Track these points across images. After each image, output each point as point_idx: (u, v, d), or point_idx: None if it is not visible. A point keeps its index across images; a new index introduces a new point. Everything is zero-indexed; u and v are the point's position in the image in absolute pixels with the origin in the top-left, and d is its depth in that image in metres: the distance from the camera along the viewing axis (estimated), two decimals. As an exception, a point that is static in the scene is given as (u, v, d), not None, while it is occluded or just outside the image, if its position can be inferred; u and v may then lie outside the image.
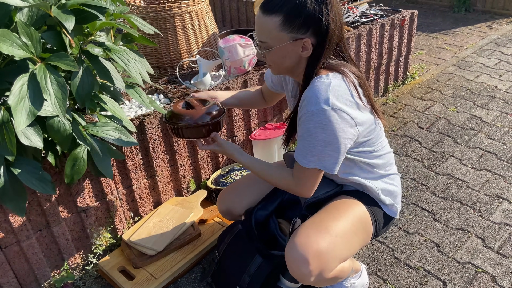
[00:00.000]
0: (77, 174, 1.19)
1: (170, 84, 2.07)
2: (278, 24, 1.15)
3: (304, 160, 1.22)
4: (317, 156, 1.20)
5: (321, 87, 1.17)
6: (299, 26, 1.15)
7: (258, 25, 1.20)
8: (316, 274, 1.23)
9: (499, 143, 2.41)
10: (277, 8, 1.14)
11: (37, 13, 1.13)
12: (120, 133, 1.24)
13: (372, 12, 2.85)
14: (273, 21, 1.15)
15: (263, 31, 1.18)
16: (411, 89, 3.12)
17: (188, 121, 1.35)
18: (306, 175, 1.26)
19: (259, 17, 1.19)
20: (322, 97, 1.15)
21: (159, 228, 1.76)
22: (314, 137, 1.18)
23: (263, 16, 1.17)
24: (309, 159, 1.21)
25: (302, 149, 1.22)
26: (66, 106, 0.97)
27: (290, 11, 1.14)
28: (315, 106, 1.15)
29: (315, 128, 1.17)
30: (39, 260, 1.60)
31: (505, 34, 4.04)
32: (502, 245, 1.76)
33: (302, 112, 1.20)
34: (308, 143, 1.20)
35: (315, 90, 1.17)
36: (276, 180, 1.33)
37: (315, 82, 1.19)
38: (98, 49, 1.17)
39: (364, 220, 1.35)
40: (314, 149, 1.19)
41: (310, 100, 1.17)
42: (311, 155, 1.21)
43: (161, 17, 2.20)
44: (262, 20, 1.17)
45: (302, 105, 1.21)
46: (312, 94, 1.17)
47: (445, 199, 2.04)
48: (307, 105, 1.18)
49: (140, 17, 1.58)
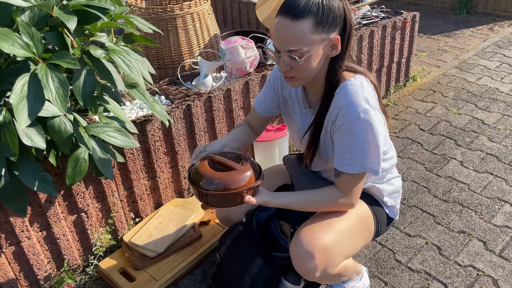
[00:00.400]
0: (79, 175, 1.19)
1: (172, 85, 2.07)
2: (310, 27, 1.08)
3: (353, 168, 1.19)
4: (366, 159, 1.17)
5: (357, 90, 1.15)
6: (329, 25, 1.10)
7: (287, 34, 1.09)
8: (321, 269, 1.23)
9: (501, 146, 2.40)
10: (307, 11, 1.07)
11: (39, 14, 1.13)
12: (121, 134, 1.23)
13: (374, 14, 2.84)
14: (305, 25, 1.07)
15: (294, 38, 1.08)
16: (413, 91, 3.12)
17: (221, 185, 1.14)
18: (355, 183, 1.23)
19: (286, 25, 1.08)
20: (362, 99, 1.14)
21: (160, 229, 1.76)
22: (362, 140, 1.15)
23: (292, 22, 1.07)
24: (359, 163, 1.18)
25: (350, 157, 1.18)
26: (67, 103, 0.97)
27: (320, 11, 1.07)
28: (358, 108, 1.13)
29: (362, 131, 1.14)
30: (39, 261, 1.60)
31: (507, 37, 4.03)
32: (503, 248, 1.75)
33: (344, 119, 1.15)
34: (356, 149, 1.16)
35: (352, 93, 1.14)
36: (323, 205, 1.26)
37: (348, 86, 1.16)
38: (100, 51, 1.17)
39: (367, 219, 1.36)
40: (363, 152, 1.16)
41: (351, 104, 1.14)
42: (360, 159, 1.17)
43: (162, 18, 2.20)
44: (291, 27, 1.08)
45: (339, 113, 1.16)
46: (351, 98, 1.14)
47: (447, 201, 2.03)
48: (348, 110, 1.14)
49: (142, 18, 1.57)
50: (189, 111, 1.84)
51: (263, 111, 1.45)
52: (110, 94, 1.39)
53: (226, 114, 2.02)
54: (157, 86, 2.05)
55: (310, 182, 1.42)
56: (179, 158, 1.89)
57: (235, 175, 1.16)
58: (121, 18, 1.36)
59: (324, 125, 1.25)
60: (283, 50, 1.12)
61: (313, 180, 1.42)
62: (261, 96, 1.45)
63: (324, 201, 1.25)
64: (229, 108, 2.02)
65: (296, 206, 1.25)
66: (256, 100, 1.47)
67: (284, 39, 1.10)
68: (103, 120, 1.30)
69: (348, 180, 1.23)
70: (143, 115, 1.74)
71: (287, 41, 1.10)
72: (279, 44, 1.12)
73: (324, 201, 1.25)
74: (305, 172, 1.46)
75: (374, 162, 1.19)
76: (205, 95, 1.90)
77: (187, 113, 1.84)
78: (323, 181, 1.41)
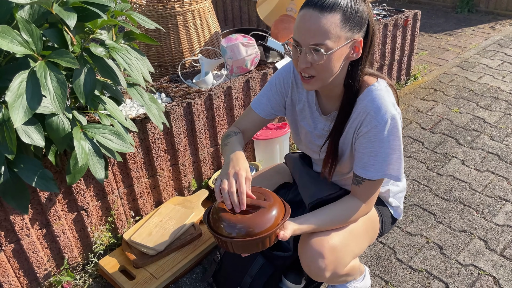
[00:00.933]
0: (79, 173, 1.18)
1: (172, 83, 2.06)
2: (339, 22, 1.03)
3: (377, 174, 1.17)
4: (389, 165, 1.16)
5: (382, 95, 1.13)
6: (356, 25, 1.05)
7: (314, 26, 1.03)
8: (331, 269, 1.22)
9: (502, 145, 2.40)
10: (336, 5, 1.02)
11: (39, 11, 1.12)
12: (117, 138, 1.21)
13: (375, 12, 2.83)
14: (334, 18, 1.02)
15: (322, 31, 1.03)
16: (414, 90, 3.11)
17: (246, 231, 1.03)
18: (375, 189, 1.21)
19: (314, 17, 1.03)
20: (389, 104, 1.12)
21: (160, 227, 1.75)
22: (388, 146, 1.13)
23: (321, 14, 1.02)
24: (383, 169, 1.16)
25: (375, 163, 1.15)
26: (65, 103, 0.96)
27: (349, 8, 1.03)
28: (386, 114, 1.11)
29: (390, 137, 1.12)
30: (39, 259, 1.59)
31: (508, 35, 4.02)
32: (505, 247, 1.74)
33: (371, 125, 1.13)
34: (382, 156, 1.15)
35: (380, 99, 1.12)
36: (350, 220, 1.23)
37: (374, 92, 1.13)
38: (100, 49, 1.16)
39: (373, 219, 1.36)
40: (388, 159, 1.15)
41: (379, 110, 1.11)
42: (385, 165, 1.16)
43: (163, 16, 2.19)
44: (319, 19, 1.02)
45: (366, 119, 1.13)
46: (379, 104, 1.12)
47: (448, 200, 2.02)
48: (376, 116, 1.11)
49: (142, 16, 1.56)
50: (190, 109, 1.84)
51: (268, 114, 1.38)
52: (111, 92, 1.38)
53: (227, 112, 2.01)
54: (158, 84, 2.04)
55: (314, 183, 1.40)
56: (180, 156, 1.88)
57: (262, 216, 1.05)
58: (122, 15, 1.35)
59: (344, 131, 1.21)
60: (306, 43, 1.05)
61: (317, 181, 1.40)
62: (262, 99, 1.38)
63: (349, 216, 1.23)
64: (230, 106, 2.01)
65: (322, 228, 1.21)
66: (257, 104, 1.38)
67: (310, 32, 1.04)
68: (103, 119, 1.29)
69: (369, 187, 1.21)
70: (143, 113, 1.73)
71: (313, 34, 1.04)
72: (302, 37, 1.06)
73: (349, 216, 1.23)
74: (308, 172, 1.45)
75: (396, 168, 1.17)
76: (205, 93, 1.89)
77: (188, 111, 1.84)
78: (325, 181, 1.40)
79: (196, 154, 1.97)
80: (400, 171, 1.18)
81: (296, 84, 1.33)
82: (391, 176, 1.18)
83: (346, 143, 1.23)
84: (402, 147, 1.16)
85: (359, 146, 1.18)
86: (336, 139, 1.23)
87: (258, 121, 1.39)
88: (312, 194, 1.36)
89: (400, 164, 1.17)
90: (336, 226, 1.23)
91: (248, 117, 1.39)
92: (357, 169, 1.20)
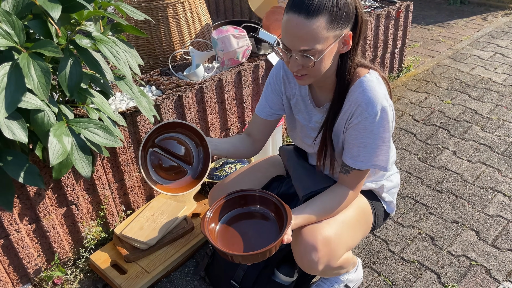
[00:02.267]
0: (65, 167, 1.16)
1: (163, 75, 2.03)
2: (325, 25, 1.02)
3: (366, 164, 1.18)
4: (378, 156, 1.17)
5: (374, 86, 1.13)
6: (343, 21, 1.05)
7: (301, 33, 1.02)
8: (324, 261, 1.22)
9: (494, 136, 2.40)
10: (321, 8, 1.01)
11: (23, 2, 1.10)
12: (104, 132, 1.18)
13: (368, 3, 2.82)
14: (320, 22, 1.01)
15: (309, 37, 1.03)
16: (406, 82, 3.10)
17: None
18: (363, 177, 1.23)
19: (300, 24, 1.02)
20: (380, 96, 1.12)
21: (152, 221, 1.74)
22: (378, 138, 1.14)
23: (306, 20, 1.01)
24: (371, 160, 1.18)
25: (364, 154, 1.17)
26: (49, 91, 0.94)
27: (335, 7, 1.02)
28: (377, 106, 1.11)
29: (380, 128, 1.13)
30: (29, 254, 1.57)
31: (500, 27, 4.02)
32: (496, 238, 1.75)
33: (362, 117, 1.13)
34: (372, 147, 1.16)
35: (371, 90, 1.12)
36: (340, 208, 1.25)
37: (365, 83, 1.13)
38: (86, 40, 1.13)
39: (366, 212, 1.36)
40: (377, 150, 1.16)
41: (370, 102, 1.11)
42: (374, 156, 1.17)
43: (153, 7, 2.16)
44: (305, 25, 1.01)
45: (357, 110, 1.14)
46: (370, 96, 1.12)
47: (440, 192, 2.03)
48: (367, 108, 1.12)
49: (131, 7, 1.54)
50: (181, 102, 1.82)
51: (268, 115, 1.38)
52: (99, 85, 1.36)
53: (218, 105, 2.00)
54: (148, 77, 2.02)
55: (308, 176, 1.40)
56: (171, 149, 1.87)
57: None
58: (110, 6, 1.33)
59: (336, 122, 1.22)
60: (295, 49, 1.06)
61: (312, 174, 1.40)
62: (262, 101, 1.39)
63: (339, 204, 1.24)
64: (221, 98, 1.99)
65: (316, 219, 1.23)
66: (258, 108, 1.40)
67: (298, 38, 1.04)
68: (91, 113, 1.27)
69: (357, 176, 1.22)
70: (133, 106, 1.71)
71: (301, 40, 1.04)
72: (291, 43, 1.06)
73: (339, 204, 1.24)
74: (303, 165, 1.44)
75: (385, 159, 1.19)
76: (196, 85, 1.87)
77: (178, 104, 1.82)
78: (319, 174, 1.39)
79: (187, 148, 1.95)
80: (388, 162, 1.19)
81: (287, 79, 1.34)
82: (379, 166, 1.19)
83: (338, 134, 1.23)
84: (391, 138, 1.17)
85: (349, 137, 1.19)
86: (329, 130, 1.23)
87: (261, 123, 1.40)
88: (306, 187, 1.35)
89: (389, 155, 1.19)
90: (328, 215, 1.24)
91: (253, 121, 1.43)
92: (346, 159, 1.21)
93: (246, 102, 2.10)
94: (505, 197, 1.96)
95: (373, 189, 1.39)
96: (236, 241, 1.17)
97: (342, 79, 1.15)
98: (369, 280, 1.61)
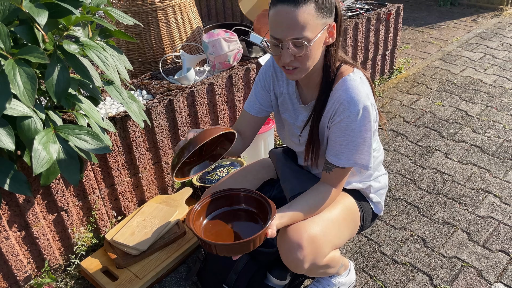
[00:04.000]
0: (53, 174, 1.15)
1: (153, 79, 2.02)
2: (313, 12, 1.04)
3: (348, 162, 1.21)
4: (360, 155, 1.20)
5: (357, 86, 1.15)
6: (327, 10, 1.07)
7: (291, 21, 1.04)
8: (310, 259, 1.22)
9: (484, 137, 2.42)
10: None
11: (9, 7, 1.09)
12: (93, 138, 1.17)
13: (358, 6, 2.83)
14: (308, 9, 1.03)
15: (297, 25, 1.04)
16: (397, 83, 3.12)
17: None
18: (345, 175, 1.25)
19: (289, 12, 1.04)
20: (362, 95, 1.14)
21: (143, 227, 1.73)
22: (360, 136, 1.16)
23: (295, 8, 1.03)
24: (353, 158, 1.20)
25: (346, 152, 1.19)
26: (35, 97, 0.93)
27: None
28: (359, 105, 1.13)
29: (361, 127, 1.15)
30: (18, 261, 1.56)
31: (490, 28, 4.06)
32: (487, 239, 1.76)
33: (344, 115, 1.15)
34: (353, 145, 1.18)
35: (353, 89, 1.14)
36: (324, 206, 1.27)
37: (348, 82, 1.15)
38: (74, 46, 1.12)
39: (353, 211, 1.37)
40: (359, 148, 1.18)
41: (352, 101, 1.13)
42: (356, 154, 1.19)
43: (143, 11, 2.15)
44: (293, 13, 1.03)
45: (339, 108, 1.16)
46: (352, 94, 1.14)
47: (431, 193, 2.04)
48: (349, 107, 1.14)
49: (121, 11, 1.53)
50: (171, 106, 1.81)
51: (258, 111, 1.39)
52: (88, 90, 1.35)
53: (210, 109, 1.99)
54: (139, 81, 2.01)
55: (296, 177, 1.40)
56: (162, 154, 1.86)
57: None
58: (98, 10, 1.32)
59: (321, 120, 1.24)
60: (286, 39, 1.07)
61: (299, 175, 1.41)
62: (251, 98, 1.41)
63: (322, 202, 1.26)
64: (213, 102, 1.99)
65: (300, 218, 1.23)
66: (247, 103, 1.42)
67: (288, 27, 1.05)
68: (80, 119, 1.25)
69: (339, 174, 1.24)
70: (123, 111, 1.70)
71: (292, 29, 1.05)
72: (281, 33, 1.07)
73: (322, 202, 1.26)
74: (290, 166, 1.45)
75: (366, 157, 1.21)
76: (187, 89, 1.87)
77: (169, 108, 1.81)
78: (307, 175, 1.40)
79: (179, 152, 1.94)
80: (369, 161, 1.22)
81: (276, 77, 1.36)
82: (361, 165, 1.22)
83: (322, 132, 1.26)
84: (372, 137, 1.19)
85: (331, 135, 1.21)
86: (315, 127, 1.25)
87: (251, 120, 1.41)
88: (293, 188, 1.36)
89: (370, 154, 1.21)
90: (312, 213, 1.26)
91: (241, 118, 1.44)
92: (329, 156, 1.23)
93: (237, 106, 2.10)
94: (496, 198, 1.97)
95: (360, 189, 1.40)
96: (221, 235, 1.18)
97: (327, 73, 1.18)
98: (361, 283, 1.61)
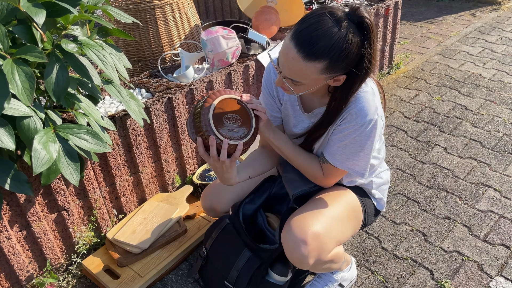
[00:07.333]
0: (54, 174, 1.15)
1: (152, 78, 2.02)
2: (320, 70, 1.04)
3: (342, 164, 1.23)
4: (356, 162, 1.22)
5: (368, 98, 1.15)
6: (340, 69, 1.06)
7: (294, 68, 1.05)
8: (314, 255, 1.23)
9: (484, 131, 2.42)
10: (323, 54, 1.01)
11: (7, 7, 1.08)
12: (92, 137, 1.17)
13: (357, 1, 2.82)
14: (315, 67, 1.03)
15: (299, 74, 1.06)
16: (396, 79, 3.12)
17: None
18: (338, 174, 1.28)
19: (296, 60, 1.03)
20: (372, 108, 1.15)
21: (144, 225, 1.73)
22: (360, 146, 1.19)
23: (303, 60, 1.02)
24: (348, 164, 1.23)
25: (342, 155, 1.21)
26: (33, 96, 0.93)
27: (336, 58, 1.02)
28: (366, 117, 1.15)
29: (364, 138, 1.17)
30: (20, 261, 1.56)
31: (489, 22, 4.05)
32: (488, 233, 1.77)
33: (349, 124, 1.17)
34: (351, 151, 1.20)
35: (364, 102, 1.15)
36: (304, 169, 1.31)
37: (360, 93, 1.16)
38: (72, 45, 1.12)
39: (355, 208, 1.37)
40: (356, 156, 1.21)
41: (360, 113, 1.15)
42: (351, 161, 1.22)
43: (141, 9, 2.15)
44: (299, 62, 1.03)
45: (346, 117, 1.17)
46: (362, 106, 1.15)
47: (431, 188, 2.04)
48: (356, 118, 1.15)
49: (119, 10, 1.53)
50: (171, 104, 1.81)
51: (273, 121, 1.39)
52: (87, 89, 1.35)
53: (209, 106, 1.99)
54: (138, 79, 2.00)
55: (299, 175, 1.41)
56: (162, 152, 1.86)
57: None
58: (96, 9, 1.32)
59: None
60: (283, 75, 1.10)
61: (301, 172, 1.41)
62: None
63: (307, 165, 1.29)
64: (212, 100, 1.98)
65: (285, 151, 1.27)
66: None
67: (289, 69, 1.07)
68: (79, 118, 1.25)
69: (331, 170, 1.27)
70: (123, 109, 1.70)
71: (291, 72, 1.07)
72: (282, 68, 1.09)
73: (307, 165, 1.29)
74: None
75: (362, 165, 1.23)
76: (186, 87, 1.87)
77: (169, 106, 1.81)
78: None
79: (179, 150, 1.94)
80: (365, 169, 1.24)
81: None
82: (354, 171, 1.24)
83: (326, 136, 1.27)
84: (374, 147, 1.21)
85: (333, 135, 1.23)
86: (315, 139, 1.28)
87: None
88: (296, 185, 1.37)
89: (367, 162, 1.23)
90: (293, 162, 1.30)
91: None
92: (326, 152, 1.26)
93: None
94: (496, 192, 1.98)
95: (362, 185, 1.41)
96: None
97: (337, 103, 1.17)
98: (362, 279, 1.61)
